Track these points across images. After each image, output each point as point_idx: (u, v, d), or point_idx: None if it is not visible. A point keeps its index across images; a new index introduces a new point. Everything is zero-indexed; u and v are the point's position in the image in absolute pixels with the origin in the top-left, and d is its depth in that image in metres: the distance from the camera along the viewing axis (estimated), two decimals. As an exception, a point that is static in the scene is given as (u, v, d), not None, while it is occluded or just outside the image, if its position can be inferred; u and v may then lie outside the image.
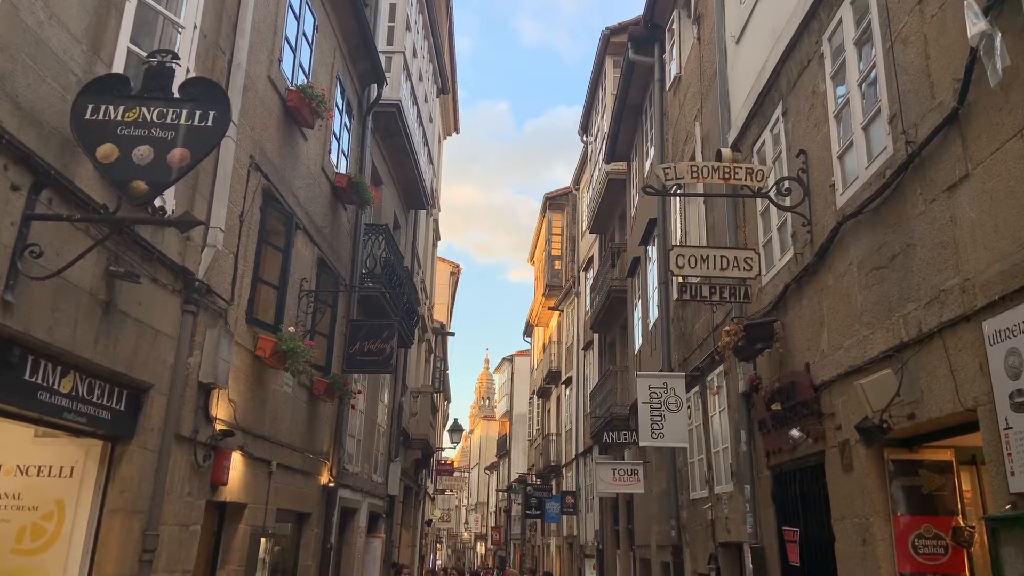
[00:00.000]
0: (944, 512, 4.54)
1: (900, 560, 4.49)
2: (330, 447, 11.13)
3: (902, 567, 4.49)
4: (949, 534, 4.46)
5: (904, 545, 4.50)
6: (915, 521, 4.53)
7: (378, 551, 14.67)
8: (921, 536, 4.48)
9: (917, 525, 4.52)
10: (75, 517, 5.48)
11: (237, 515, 7.96)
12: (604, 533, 18.20)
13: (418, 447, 20.10)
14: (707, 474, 9.24)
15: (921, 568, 4.45)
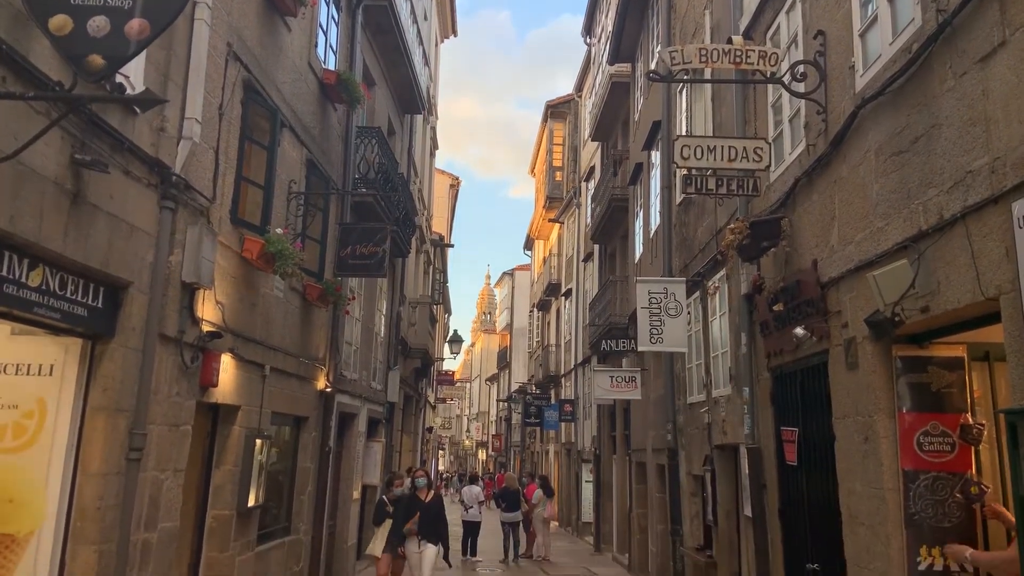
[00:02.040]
0: (952, 409, 4.37)
1: (904, 457, 4.36)
2: (326, 353, 11.03)
3: (905, 464, 4.36)
4: (957, 431, 4.31)
5: (909, 442, 4.35)
6: (921, 418, 4.37)
7: (378, 455, 14.85)
8: (927, 433, 4.33)
9: (923, 422, 4.36)
10: (57, 416, 5.35)
11: (231, 417, 7.89)
12: (601, 439, 18.46)
13: (417, 356, 20.16)
14: (705, 378, 9.15)
15: (926, 465, 4.32)
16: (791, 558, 6.17)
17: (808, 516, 5.85)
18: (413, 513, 9.51)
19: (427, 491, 9.87)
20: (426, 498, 9.77)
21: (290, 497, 9.98)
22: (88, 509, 5.28)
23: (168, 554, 6.39)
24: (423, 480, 9.97)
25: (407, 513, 9.53)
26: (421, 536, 9.44)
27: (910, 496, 4.32)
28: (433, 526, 9.56)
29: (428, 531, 9.49)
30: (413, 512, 9.53)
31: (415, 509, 9.57)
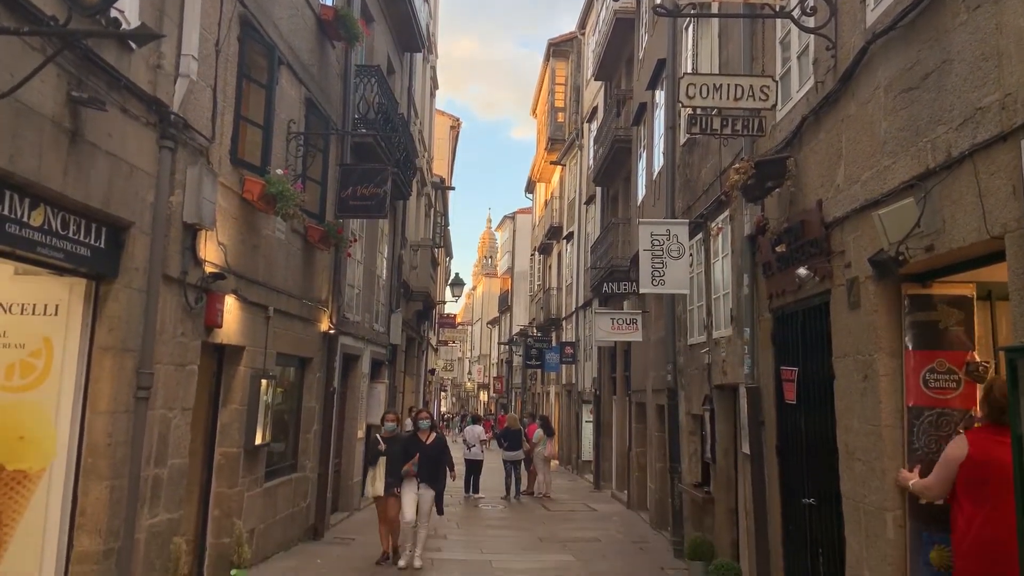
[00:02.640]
0: (959, 347, 4.41)
1: (909, 394, 4.41)
2: (329, 295, 11.08)
3: (910, 401, 4.41)
4: (963, 368, 4.35)
5: (915, 380, 4.39)
6: (928, 356, 4.41)
7: (381, 396, 15.04)
8: (933, 371, 4.37)
9: (930, 360, 4.40)
10: (64, 355, 5.41)
11: (236, 357, 7.98)
12: (601, 380, 18.66)
13: (419, 299, 20.24)
14: (706, 320, 9.19)
15: (931, 402, 4.38)
16: (787, 493, 6.31)
17: (805, 453, 5.96)
18: (413, 454, 8.96)
19: (429, 433, 9.29)
20: (427, 440, 9.17)
21: (296, 436, 10.16)
22: (98, 446, 5.38)
23: (178, 489, 6.54)
24: (426, 422, 9.41)
25: (406, 454, 8.98)
26: (420, 480, 8.88)
27: (914, 432, 4.39)
28: (433, 470, 8.98)
29: (428, 475, 8.91)
30: (413, 453, 8.97)
31: (415, 451, 9.01)
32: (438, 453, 9.15)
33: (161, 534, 6.19)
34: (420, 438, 9.14)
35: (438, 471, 9.05)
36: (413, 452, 8.93)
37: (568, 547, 10.49)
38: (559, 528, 12.28)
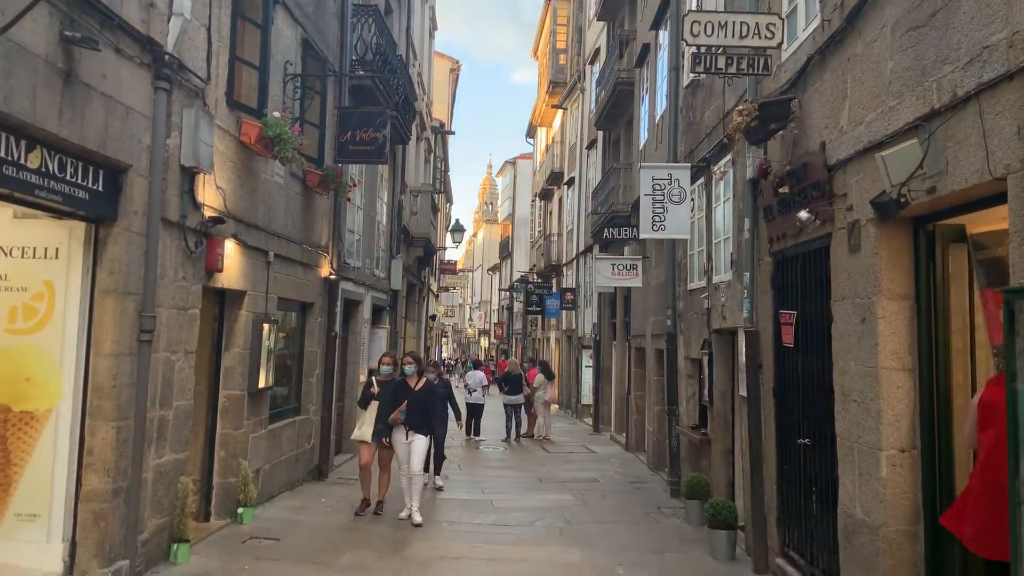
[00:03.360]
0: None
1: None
2: (329, 240, 11.07)
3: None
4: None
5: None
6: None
7: (383, 341, 15.16)
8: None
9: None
10: (66, 298, 5.44)
11: (237, 302, 8.02)
12: (601, 326, 18.78)
13: (419, 245, 20.21)
14: (706, 265, 9.20)
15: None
16: (783, 434, 6.41)
17: (801, 395, 6.03)
18: (400, 401, 8.35)
19: (417, 378, 8.60)
20: (415, 386, 8.52)
21: (299, 380, 10.28)
22: (103, 387, 5.45)
23: (184, 430, 6.65)
24: (411, 367, 8.62)
25: (394, 401, 8.40)
26: (409, 427, 8.31)
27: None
28: (422, 417, 8.40)
29: (416, 422, 8.33)
30: (400, 400, 8.36)
31: (402, 397, 8.39)
32: (427, 398, 8.54)
33: (168, 473, 6.32)
34: (408, 384, 8.52)
35: (429, 418, 8.53)
36: (400, 399, 8.37)
37: (567, 487, 10.71)
38: (558, 469, 12.52)
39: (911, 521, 4.48)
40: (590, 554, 7.14)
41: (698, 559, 7.05)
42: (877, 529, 4.55)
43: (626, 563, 6.78)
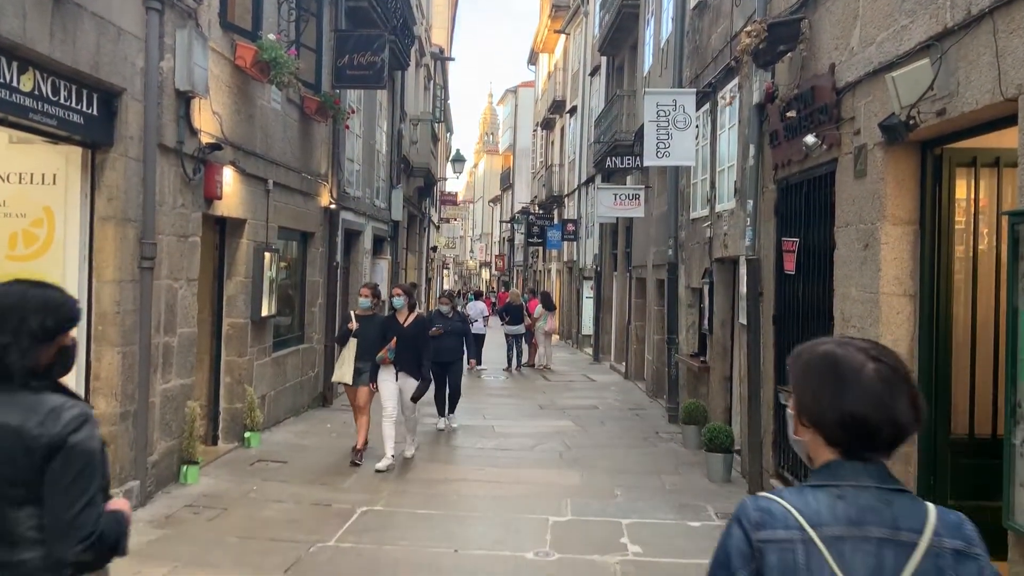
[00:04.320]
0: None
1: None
2: (328, 169, 10.96)
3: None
4: None
5: None
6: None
7: (384, 272, 15.20)
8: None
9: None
10: (66, 224, 5.42)
11: (238, 230, 8.00)
12: (602, 257, 18.78)
13: (420, 175, 20.03)
14: (709, 193, 9.13)
15: None
16: (781, 360, 6.48)
17: (801, 321, 6.07)
18: (388, 339, 7.39)
19: (407, 313, 7.60)
20: (405, 322, 7.53)
21: (301, 309, 10.35)
22: (107, 314, 5.49)
23: (189, 357, 6.73)
24: (400, 300, 7.63)
25: (382, 338, 7.41)
26: (398, 368, 7.42)
27: None
28: (413, 356, 7.42)
29: (406, 362, 7.41)
30: (388, 338, 7.40)
31: (391, 334, 7.43)
32: (417, 335, 7.55)
33: (175, 398, 6.42)
34: (397, 319, 7.57)
35: (420, 357, 7.48)
36: (389, 337, 7.40)
37: (567, 414, 10.91)
38: (559, 397, 12.73)
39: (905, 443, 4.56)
40: (589, 476, 7.32)
41: (694, 481, 7.23)
42: (871, 450, 4.63)
43: (624, 485, 6.95)
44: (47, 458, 1.86)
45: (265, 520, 5.66)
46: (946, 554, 1.34)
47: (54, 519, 1.86)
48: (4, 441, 1.86)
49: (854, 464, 1.40)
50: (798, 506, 1.37)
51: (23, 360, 1.90)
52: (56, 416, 1.88)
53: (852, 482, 1.38)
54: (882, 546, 1.34)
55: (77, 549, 1.85)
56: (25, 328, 1.90)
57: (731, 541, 1.39)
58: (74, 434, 1.88)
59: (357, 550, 5.13)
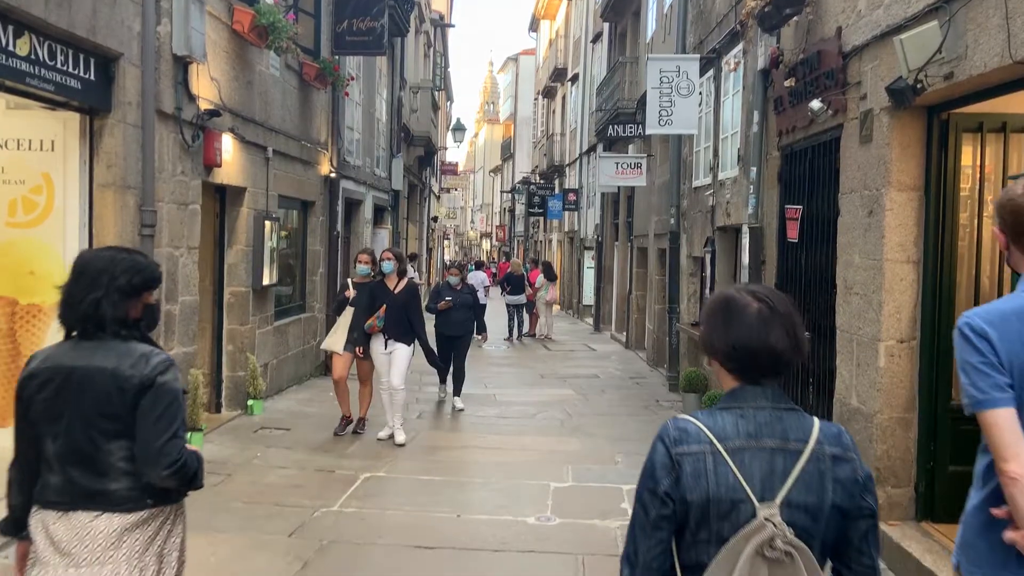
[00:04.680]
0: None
1: None
2: (328, 137, 10.88)
3: None
4: None
5: None
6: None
7: (385, 241, 15.16)
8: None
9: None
10: (65, 191, 5.39)
11: (238, 198, 7.96)
12: (604, 227, 18.73)
13: (420, 144, 19.91)
14: (712, 161, 9.07)
15: None
16: (783, 329, 6.47)
17: (803, 289, 6.06)
18: (377, 306, 7.06)
19: (397, 279, 7.20)
20: (395, 288, 7.16)
21: (303, 279, 10.34)
22: (109, 281, 5.47)
23: (191, 325, 6.73)
24: (389, 264, 7.20)
25: (370, 305, 7.10)
26: (388, 335, 7.07)
27: None
28: (403, 323, 7.08)
29: (396, 329, 7.07)
30: (377, 304, 7.07)
31: (380, 301, 7.08)
32: (408, 303, 7.14)
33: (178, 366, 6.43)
34: (387, 285, 7.17)
35: (411, 323, 7.14)
36: (378, 304, 7.07)
37: (568, 382, 10.95)
38: (559, 366, 12.77)
39: (905, 409, 4.58)
40: (589, 443, 7.37)
41: (695, 448, 7.26)
42: (872, 416, 4.66)
43: (625, 452, 7.00)
44: (139, 395, 2.14)
45: (269, 485, 5.71)
46: (826, 458, 1.64)
47: (145, 447, 2.13)
48: (101, 381, 2.13)
49: (753, 388, 1.68)
50: (708, 425, 1.65)
51: (114, 312, 2.19)
52: (146, 360, 2.18)
53: (751, 404, 1.67)
54: (774, 454, 1.63)
55: (164, 474, 2.12)
56: (115, 285, 2.20)
57: (655, 456, 1.67)
58: (162, 375, 2.17)
59: (361, 515, 5.18)
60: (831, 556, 1.70)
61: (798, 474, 1.61)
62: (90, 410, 2.14)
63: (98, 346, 2.19)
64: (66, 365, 2.17)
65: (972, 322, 1.97)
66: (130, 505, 2.16)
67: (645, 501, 1.67)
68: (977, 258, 4.52)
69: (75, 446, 2.15)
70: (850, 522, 1.66)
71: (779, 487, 1.61)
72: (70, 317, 2.22)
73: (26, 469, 2.22)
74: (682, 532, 1.66)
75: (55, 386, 2.16)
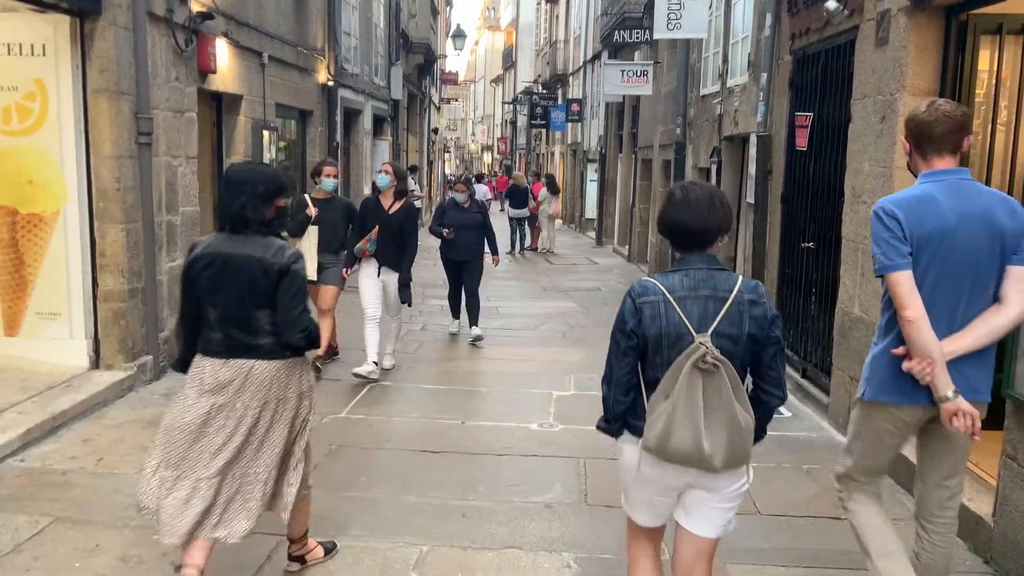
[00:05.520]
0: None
1: None
2: (325, 43, 10.56)
3: None
4: None
5: None
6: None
7: (385, 153, 14.95)
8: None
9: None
10: (59, 98, 5.28)
11: (234, 106, 7.79)
12: (607, 138, 18.42)
13: (419, 51, 19.36)
14: (721, 68, 8.82)
15: None
16: (787, 239, 6.45)
17: (810, 200, 5.99)
18: (369, 227, 6.19)
19: (394, 198, 6.24)
20: (390, 207, 6.23)
21: (303, 190, 10.22)
22: (108, 190, 5.42)
23: (193, 235, 6.69)
24: (385, 179, 6.23)
25: (361, 226, 6.24)
26: (380, 262, 6.26)
27: None
28: (397, 248, 6.21)
29: (389, 255, 6.23)
30: (369, 226, 6.20)
31: (373, 222, 6.20)
32: (404, 226, 6.23)
33: (182, 277, 6.44)
34: (381, 204, 6.26)
35: (404, 248, 6.25)
36: (372, 224, 6.21)
37: (570, 295, 11.01)
38: (562, 279, 12.81)
39: (907, 317, 4.59)
40: (591, 354, 7.45)
41: (696, 358, 7.35)
42: (873, 324, 4.68)
43: (627, 361, 7.08)
44: (279, 278, 2.79)
45: (277, 393, 5.79)
46: (745, 302, 2.26)
47: (284, 317, 2.82)
48: (251, 266, 2.79)
49: (693, 256, 2.33)
50: (662, 282, 2.30)
51: (255, 214, 2.81)
52: (282, 251, 2.82)
53: (692, 266, 2.31)
54: (707, 300, 2.26)
55: (298, 336, 2.83)
56: (255, 192, 2.81)
57: (624, 306, 2.34)
58: (294, 264, 2.82)
59: (368, 421, 5.30)
60: (751, 372, 2.34)
61: (724, 313, 2.24)
62: (243, 287, 2.79)
63: (246, 239, 2.81)
64: (224, 252, 2.80)
65: (885, 207, 2.54)
66: (275, 355, 2.86)
67: (617, 338, 2.34)
68: (988, 166, 4.45)
69: (232, 312, 2.81)
70: (761, 347, 2.28)
71: (711, 323, 2.23)
72: (223, 216, 2.85)
73: (190, 326, 2.94)
74: (643, 359, 2.32)
75: (216, 268, 2.80)
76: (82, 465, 4.25)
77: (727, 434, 2.19)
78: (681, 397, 2.18)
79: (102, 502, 3.83)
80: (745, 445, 2.24)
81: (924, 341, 2.46)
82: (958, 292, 2.51)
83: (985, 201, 2.54)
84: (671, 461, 2.26)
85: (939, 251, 2.49)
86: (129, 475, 4.15)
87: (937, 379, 2.47)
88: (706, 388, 2.18)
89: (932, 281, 2.50)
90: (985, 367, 2.59)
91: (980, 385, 2.57)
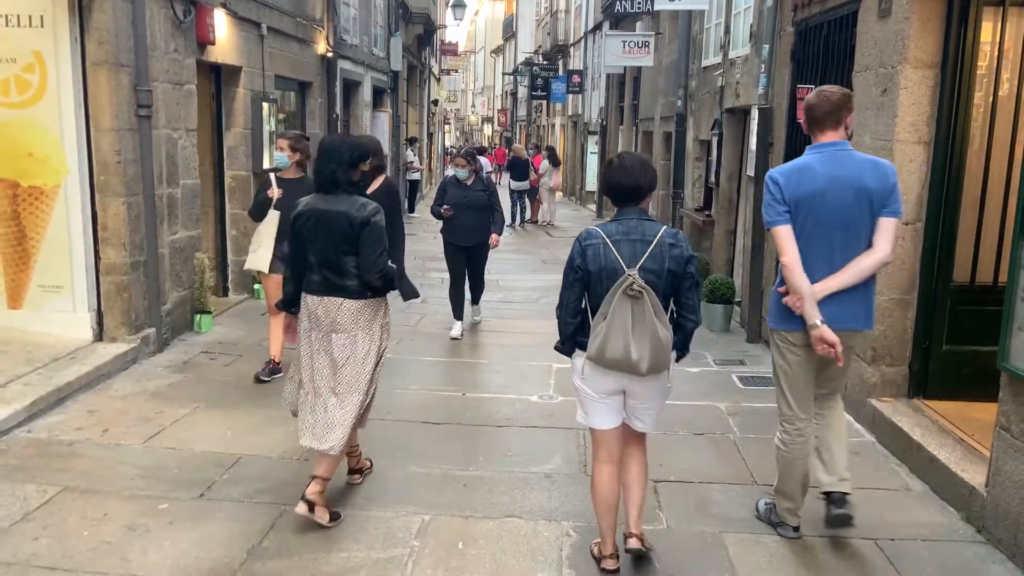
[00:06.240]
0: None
1: None
2: (323, 14, 10.47)
3: None
4: None
5: None
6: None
7: (385, 125, 14.87)
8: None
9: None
10: (58, 70, 5.25)
11: (234, 78, 7.75)
12: (608, 110, 18.31)
13: (419, 22, 19.16)
14: (723, 39, 8.74)
15: None
16: (788, 213, 6.45)
17: (811, 173, 5.98)
18: None
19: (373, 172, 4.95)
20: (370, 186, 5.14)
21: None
22: (108, 163, 5.42)
23: (194, 208, 6.72)
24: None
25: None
26: None
27: None
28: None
29: None
30: None
31: None
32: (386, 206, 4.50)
33: (183, 250, 6.47)
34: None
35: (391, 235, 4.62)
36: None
37: (571, 268, 11.00)
38: (562, 252, 12.80)
39: (906, 290, 4.63)
40: (592, 326, 7.49)
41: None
42: (872, 298, 4.72)
43: (626, 334, 7.12)
44: (362, 228, 3.37)
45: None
46: (666, 245, 2.90)
47: (366, 260, 3.40)
48: (340, 219, 3.37)
49: (627, 209, 2.98)
50: (603, 229, 2.95)
51: (344, 176, 3.43)
52: (364, 207, 3.41)
53: (626, 217, 2.96)
54: (636, 243, 2.90)
55: (376, 276, 3.41)
56: (343, 158, 3.43)
57: (574, 249, 2.99)
58: (374, 216, 3.41)
59: (369, 392, 5.33)
60: (673, 301, 2.98)
61: (649, 253, 2.87)
62: (335, 236, 3.38)
63: (336, 198, 3.42)
64: (319, 208, 3.41)
65: (771, 175, 3.22)
66: (359, 294, 3.44)
67: (568, 272, 2.98)
68: (989, 140, 4.44)
69: (326, 257, 3.41)
70: (679, 280, 2.92)
71: (639, 260, 2.86)
72: (317, 180, 3.46)
73: (298, 270, 3.53)
74: (587, 289, 2.95)
75: (313, 221, 3.41)
76: (88, 436, 4.31)
77: (650, 345, 2.81)
78: (615, 317, 2.81)
79: (109, 472, 3.89)
80: (664, 355, 2.86)
81: (796, 281, 3.09)
82: (830, 241, 3.09)
83: (855, 167, 3.11)
84: (607, 367, 2.91)
85: (812, 209, 3.09)
86: (134, 446, 4.21)
87: (806, 311, 3.08)
88: (634, 310, 2.81)
89: (808, 233, 3.10)
90: (859, 302, 3.16)
91: (855, 316, 3.17)
